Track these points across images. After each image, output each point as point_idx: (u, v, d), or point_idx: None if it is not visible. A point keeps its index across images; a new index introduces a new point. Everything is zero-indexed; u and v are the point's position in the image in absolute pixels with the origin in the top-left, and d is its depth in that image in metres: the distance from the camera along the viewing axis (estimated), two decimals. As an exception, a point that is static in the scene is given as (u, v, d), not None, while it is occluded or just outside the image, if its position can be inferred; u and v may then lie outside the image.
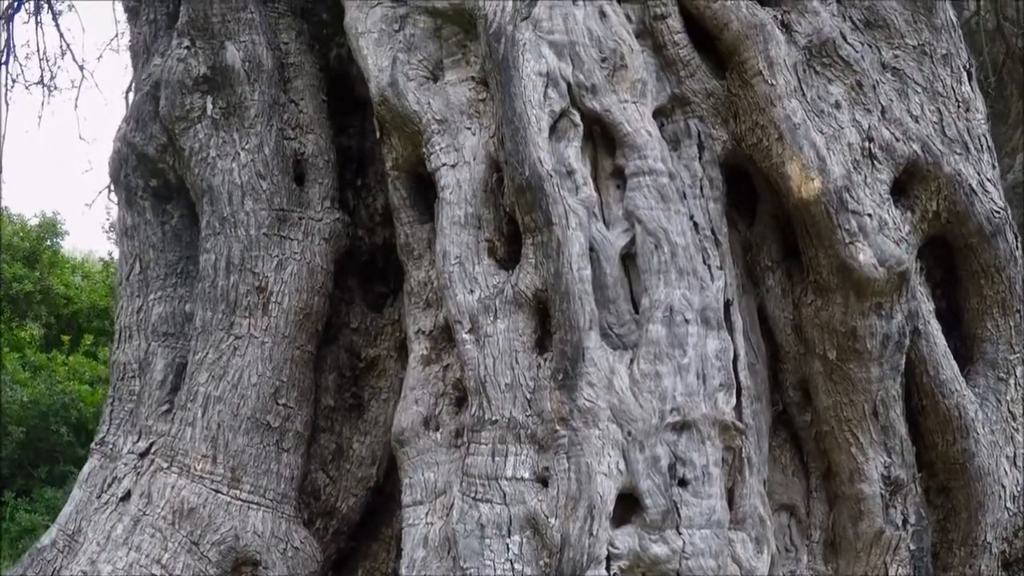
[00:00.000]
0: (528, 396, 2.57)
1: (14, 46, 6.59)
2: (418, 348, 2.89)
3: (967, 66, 3.42)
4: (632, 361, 2.62)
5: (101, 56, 15.87)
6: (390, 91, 2.90)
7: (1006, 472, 3.25)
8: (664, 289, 2.68)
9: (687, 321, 2.70)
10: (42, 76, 6.93)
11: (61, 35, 7.88)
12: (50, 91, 6.92)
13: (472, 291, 2.66)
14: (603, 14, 2.84)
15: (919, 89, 3.28)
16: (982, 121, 3.39)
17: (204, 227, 3.24)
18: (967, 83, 3.39)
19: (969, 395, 3.17)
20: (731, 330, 2.93)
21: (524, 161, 2.60)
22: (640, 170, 2.75)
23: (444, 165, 2.79)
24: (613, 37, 2.81)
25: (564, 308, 2.54)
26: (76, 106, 8.51)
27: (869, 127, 3.10)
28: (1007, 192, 6.90)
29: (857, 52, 3.16)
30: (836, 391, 3.05)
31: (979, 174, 3.26)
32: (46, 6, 6.84)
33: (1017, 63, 6.73)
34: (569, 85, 2.72)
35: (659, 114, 3.07)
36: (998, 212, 3.23)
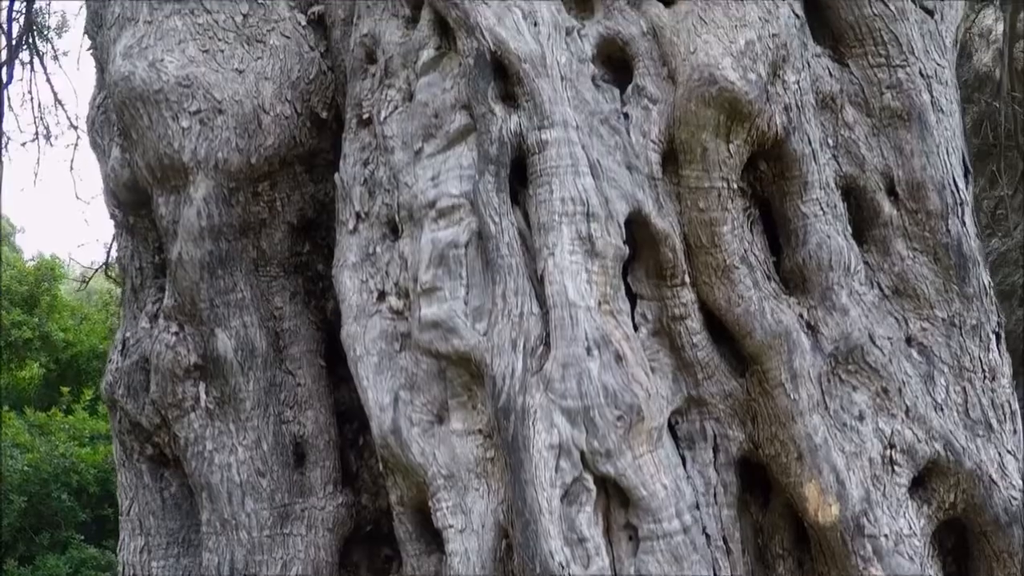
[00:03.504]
0: None
1: (9, 98, 6.30)
2: None
3: (996, 329, 3.27)
4: None
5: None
6: (393, 438, 2.76)
7: None
8: (676, 659, 2.64)
9: (696, 674, 2.67)
10: (36, 133, 6.64)
11: (55, 93, 7.46)
12: (47, 140, 6.67)
13: None
14: (619, 358, 2.68)
15: (945, 368, 3.15)
16: (1006, 386, 3.26)
17: (205, 523, 3.15)
18: (995, 348, 3.24)
19: (973, 676, 3.18)
20: (741, 641, 2.92)
21: (535, 557, 2.50)
22: (653, 534, 2.65)
23: (451, 527, 2.69)
24: (630, 388, 2.66)
25: None
26: (71, 167, 8.11)
27: (892, 432, 2.99)
28: (1011, 253, 6.85)
29: (885, 356, 3.01)
30: None
31: (1000, 455, 3.16)
32: (38, 61, 6.49)
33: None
34: (583, 453, 2.59)
35: (674, 413, 2.96)
36: (1015, 499, 3.15)
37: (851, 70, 3.26)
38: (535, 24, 2.85)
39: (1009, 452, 3.22)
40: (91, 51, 3.66)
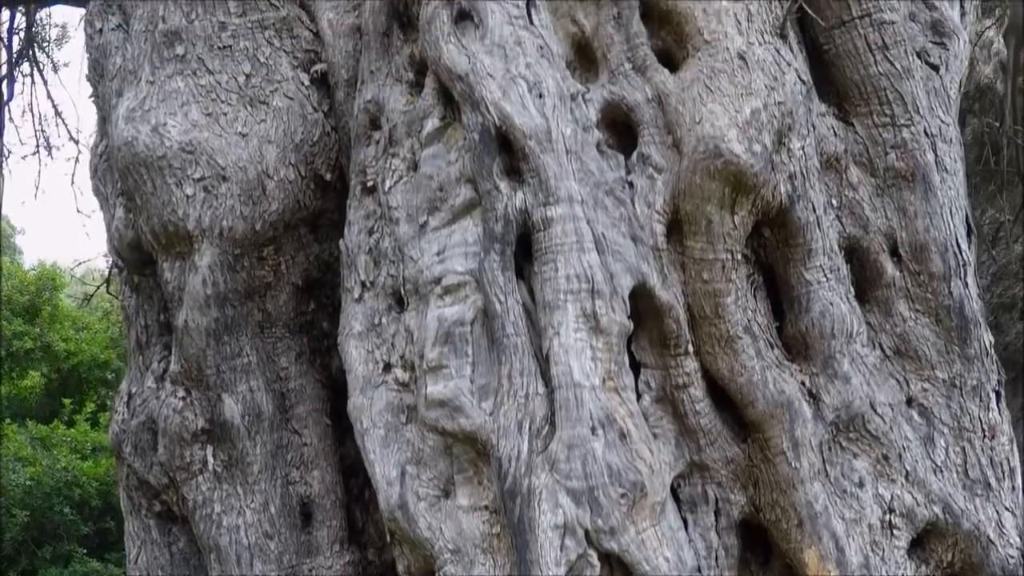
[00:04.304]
0: None
1: (11, 115, 6.27)
2: None
3: (996, 387, 3.29)
4: None
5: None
6: (400, 513, 2.78)
7: None
8: None
9: None
10: (37, 146, 6.60)
11: (55, 107, 7.37)
12: (48, 152, 6.64)
13: None
14: (623, 435, 2.69)
15: (945, 429, 3.17)
16: (1006, 443, 3.29)
17: (214, 586, 3.20)
18: (995, 406, 3.27)
19: None
20: None
21: (541, 639, 2.55)
22: (657, 605, 2.69)
23: (459, 603, 2.73)
24: (633, 465, 2.68)
25: None
26: (72, 181, 8.03)
27: (891, 497, 3.02)
28: (1011, 266, 6.86)
29: (886, 423, 3.03)
30: None
31: (998, 513, 3.20)
32: (38, 74, 6.46)
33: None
34: (587, 531, 2.61)
35: (677, 477, 2.99)
36: (1012, 557, 3.19)
37: (856, 129, 3.26)
38: (540, 96, 2.84)
39: (1007, 509, 3.26)
40: (92, 99, 3.64)
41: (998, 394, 3.31)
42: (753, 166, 2.84)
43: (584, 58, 3.15)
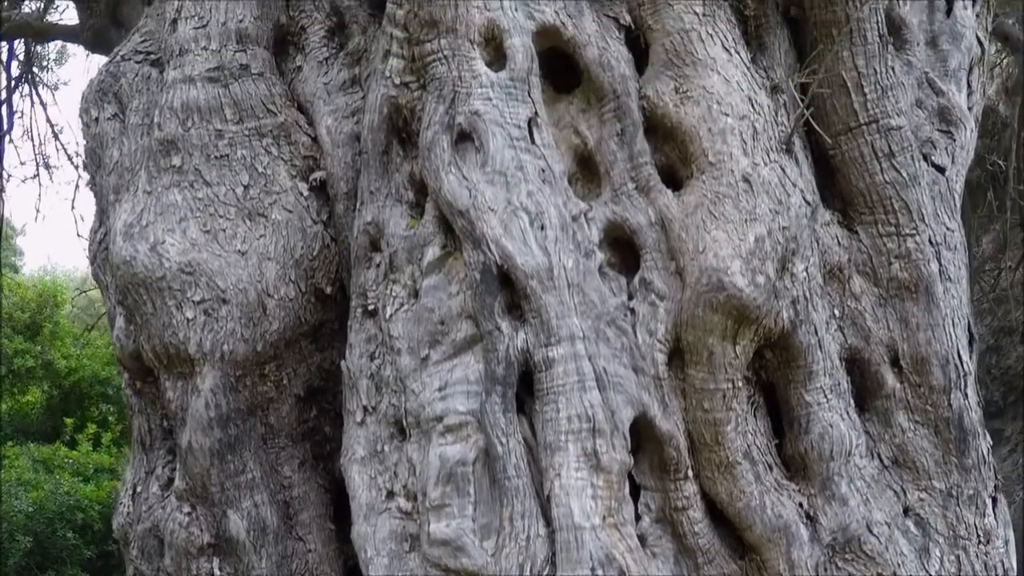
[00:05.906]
0: None
1: (11, 138, 6.24)
2: None
3: (993, 493, 3.32)
4: None
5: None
6: None
7: None
8: None
9: None
10: (37, 166, 6.55)
11: (53, 128, 7.26)
12: (47, 169, 6.61)
13: None
14: (622, 573, 2.72)
15: (940, 539, 3.20)
16: (1000, 546, 3.33)
17: None
18: (991, 512, 3.30)
19: None
20: None
21: None
22: None
23: None
24: (632, 606, 2.72)
25: None
26: (73, 206, 7.95)
27: (886, 604, 3.07)
28: (1012, 290, 6.86)
29: (882, 543, 3.06)
30: None
31: (991, 617, 3.26)
32: (37, 98, 6.40)
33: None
34: (587, 670, 2.67)
35: (675, 588, 3.03)
36: (1003, 659, 3.27)
37: (860, 237, 3.25)
38: (542, 227, 2.81)
39: (1000, 609, 3.33)
40: (90, 186, 3.60)
41: (994, 500, 3.34)
42: (756, 299, 2.83)
43: (587, 169, 3.12)
